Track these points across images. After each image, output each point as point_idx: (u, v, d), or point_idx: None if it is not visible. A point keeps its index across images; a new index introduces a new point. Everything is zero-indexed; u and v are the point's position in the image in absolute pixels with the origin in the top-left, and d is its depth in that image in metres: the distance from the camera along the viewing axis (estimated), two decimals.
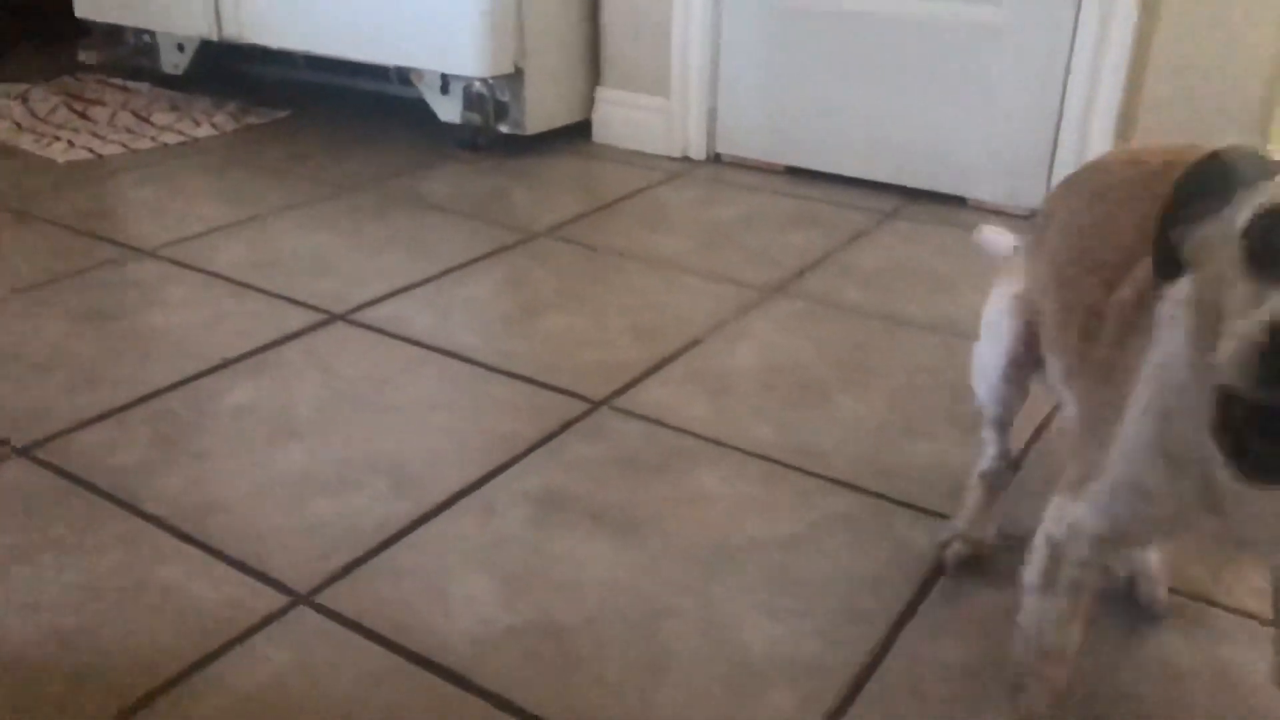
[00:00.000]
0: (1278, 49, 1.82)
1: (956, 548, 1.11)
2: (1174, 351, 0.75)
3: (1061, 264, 0.99)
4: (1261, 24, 1.82)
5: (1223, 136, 0.87)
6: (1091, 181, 1.02)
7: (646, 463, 1.28)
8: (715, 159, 2.42)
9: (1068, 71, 1.98)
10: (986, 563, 1.10)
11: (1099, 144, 1.97)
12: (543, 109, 2.43)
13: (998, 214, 2.12)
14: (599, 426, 1.36)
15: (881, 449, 1.32)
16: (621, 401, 1.42)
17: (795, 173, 2.32)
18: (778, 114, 2.31)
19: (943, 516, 1.19)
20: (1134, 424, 0.78)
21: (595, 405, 1.40)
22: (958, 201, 2.16)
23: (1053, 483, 0.86)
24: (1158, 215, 0.74)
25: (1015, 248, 1.27)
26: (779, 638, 1.01)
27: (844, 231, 2.02)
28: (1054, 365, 1.01)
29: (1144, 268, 0.82)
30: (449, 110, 2.45)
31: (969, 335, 1.58)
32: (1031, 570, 0.86)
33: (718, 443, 1.33)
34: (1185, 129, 1.90)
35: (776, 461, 1.29)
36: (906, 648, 1.00)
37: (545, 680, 0.95)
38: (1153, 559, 1.08)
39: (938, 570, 1.10)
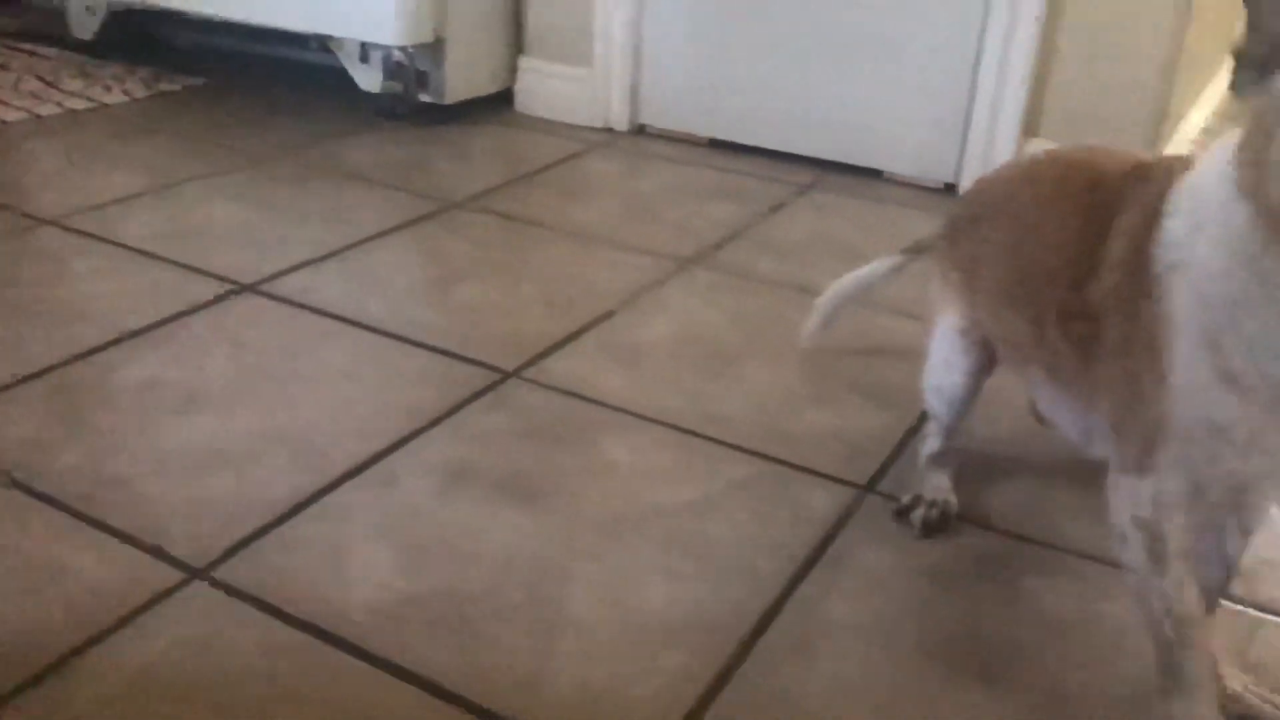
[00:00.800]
0: (1176, 25, 1.88)
1: (923, 511, 1.15)
2: (1206, 277, 0.79)
3: (1009, 287, 1.06)
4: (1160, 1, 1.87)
5: (1125, 115, 0.92)
6: (1001, 210, 1.11)
7: (554, 433, 1.29)
8: (639, 130, 2.41)
9: (980, 47, 2.01)
10: (951, 524, 1.15)
11: (1010, 119, 2.01)
12: (464, 78, 2.40)
13: (911, 187, 2.16)
14: (508, 397, 1.36)
15: (786, 417, 1.35)
16: (532, 372, 1.42)
17: (718, 145, 2.33)
18: (701, 86, 2.31)
19: (841, 481, 1.22)
20: (1183, 368, 0.81)
21: (505, 376, 1.41)
22: (874, 174, 2.19)
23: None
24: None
25: (894, 264, 1.35)
26: (677, 600, 1.03)
27: (763, 204, 2.04)
28: (1032, 373, 1.07)
29: (1115, 250, 0.88)
30: (369, 79, 2.41)
31: (878, 305, 1.63)
32: (1132, 557, 0.87)
33: (627, 412, 1.34)
34: (1091, 105, 1.95)
35: (684, 430, 1.31)
36: (798, 607, 1.03)
37: (443, 647, 0.96)
38: None
39: (832, 532, 1.13)
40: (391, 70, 2.37)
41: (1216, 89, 2.28)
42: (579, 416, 1.33)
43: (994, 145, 2.03)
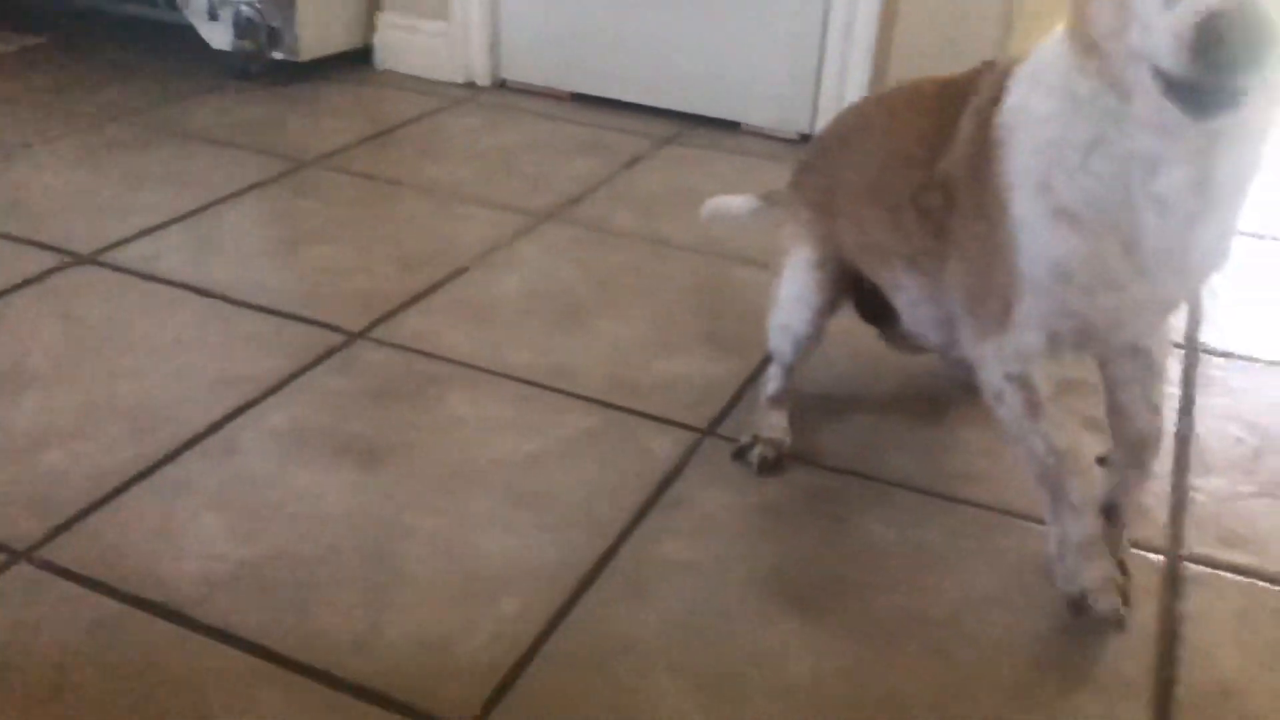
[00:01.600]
0: None
1: (760, 450, 1.18)
2: (1036, 123, 0.87)
3: (868, 186, 1.10)
4: None
5: (967, 64, 1.01)
6: (855, 130, 1.18)
7: (399, 392, 1.29)
8: (501, 85, 2.39)
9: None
10: (786, 462, 1.19)
11: (859, 70, 2.05)
12: (318, 34, 2.33)
13: (768, 138, 2.19)
14: (353, 358, 1.35)
15: (633, 367, 1.37)
16: (379, 332, 1.41)
17: (580, 99, 2.32)
18: (562, 39, 2.29)
19: (683, 426, 1.25)
20: (1022, 216, 0.88)
21: (351, 337, 1.40)
22: (732, 126, 2.21)
23: None
24: None
25: (755, 207, 1.39)
26: (514, 549, 1.05)
27: (622, 157, 2.05)
28: (892, 271, 1.10)
29: (965, 127, 0.95)
30: (219, 37, 2.32)
31: (730, 256, 1.66)
32: (1010, 410, 0.95)
33: (474, 368, 1.35)
34: (934, 54, 2.00)
35: (531, 383, 1.32)
36: (634, 549, 1.06)
37: (275, 610, 0.96)
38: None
39: (672, 475, 1.17)
40: (242, 27, 2.28)
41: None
42: (426, 374, 1.33)
43: (845, 95, 2.07)
